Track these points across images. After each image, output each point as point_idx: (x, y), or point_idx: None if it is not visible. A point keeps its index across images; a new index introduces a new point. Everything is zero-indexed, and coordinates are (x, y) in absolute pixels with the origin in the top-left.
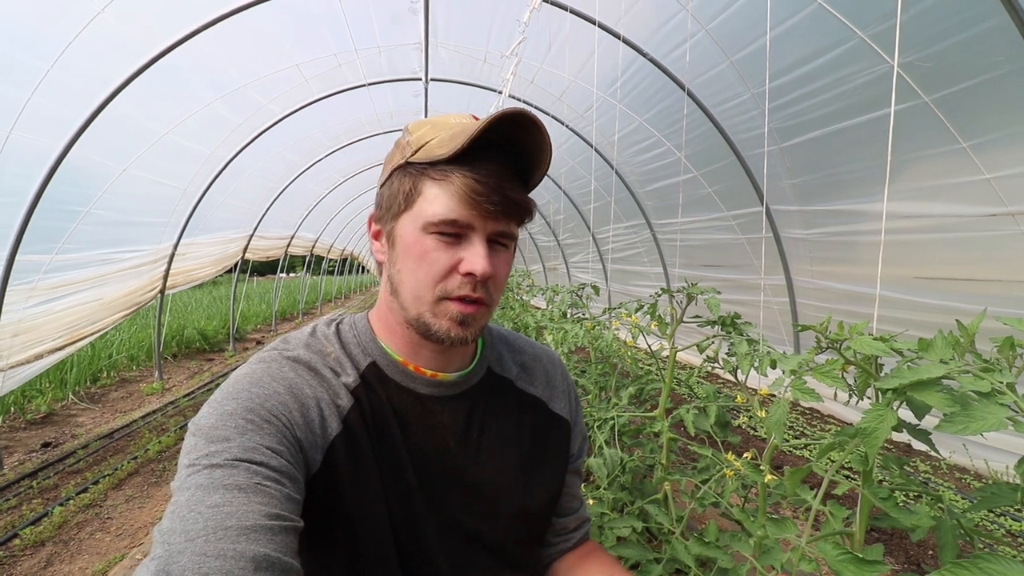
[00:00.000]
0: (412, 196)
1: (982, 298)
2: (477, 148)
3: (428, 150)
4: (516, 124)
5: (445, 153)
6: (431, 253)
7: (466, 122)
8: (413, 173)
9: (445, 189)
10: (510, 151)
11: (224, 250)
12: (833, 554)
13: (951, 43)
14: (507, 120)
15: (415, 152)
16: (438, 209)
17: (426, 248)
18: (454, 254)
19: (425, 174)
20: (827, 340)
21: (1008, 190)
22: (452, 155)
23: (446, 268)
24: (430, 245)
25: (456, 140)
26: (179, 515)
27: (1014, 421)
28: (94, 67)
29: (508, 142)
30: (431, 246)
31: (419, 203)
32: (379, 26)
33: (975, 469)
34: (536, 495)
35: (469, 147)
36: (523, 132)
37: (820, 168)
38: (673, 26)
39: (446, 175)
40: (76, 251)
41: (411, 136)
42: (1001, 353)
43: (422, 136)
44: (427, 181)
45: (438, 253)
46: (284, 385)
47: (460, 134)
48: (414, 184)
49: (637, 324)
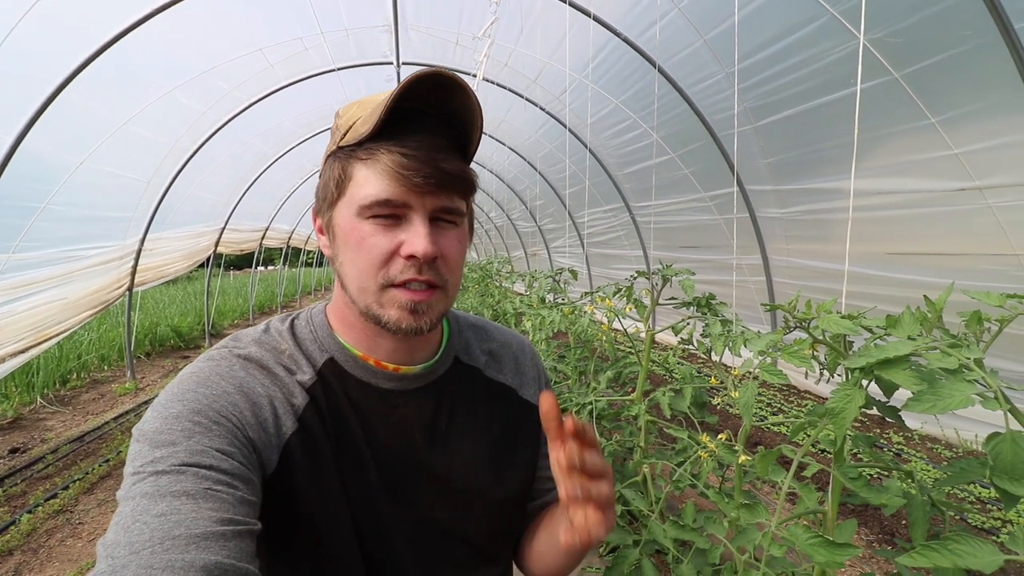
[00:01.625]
0: (343, 182)
1: (951, 272)
2: (403, 120)
3: (355, 130)
4: (437, 86)
5: (368, 129)
6: (368, 239)
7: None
8: (342, 157)
9: (373, 168)
10: (440, 118)
11: (195, 244)
12: (804, 538)
13: (920, 18)
14: (426, 82)
15: (344, 135)
16: (369, 191)
17: (363, 234)
18: (393, 237)
19: (353, 155)
20: (795, 319)
21: (976, 165)
22: (374, 130)
23: (386, 253)
24: (367, 231)
25: (376, 114)
26: (123, 526)
27: (982, 397)
28: (42, 54)
29: (437, 110)
30: (368, 231)
31: (350, 188)
32: (345, 7)
33: (946, 439)
34: (509, 485)
35: (389, 119)
36: (447, 95)
37: (794, 147)
38: (645, 5)
39: (372, 153)
40: (35, 249)
41: (340, 120)
42: (969, 328)
43: (350, 117)
44: (356, 163)
45: (376, 238)
46: (234, 384)
47: (380, 106)
48: (343, 169)
49: (612, 308)
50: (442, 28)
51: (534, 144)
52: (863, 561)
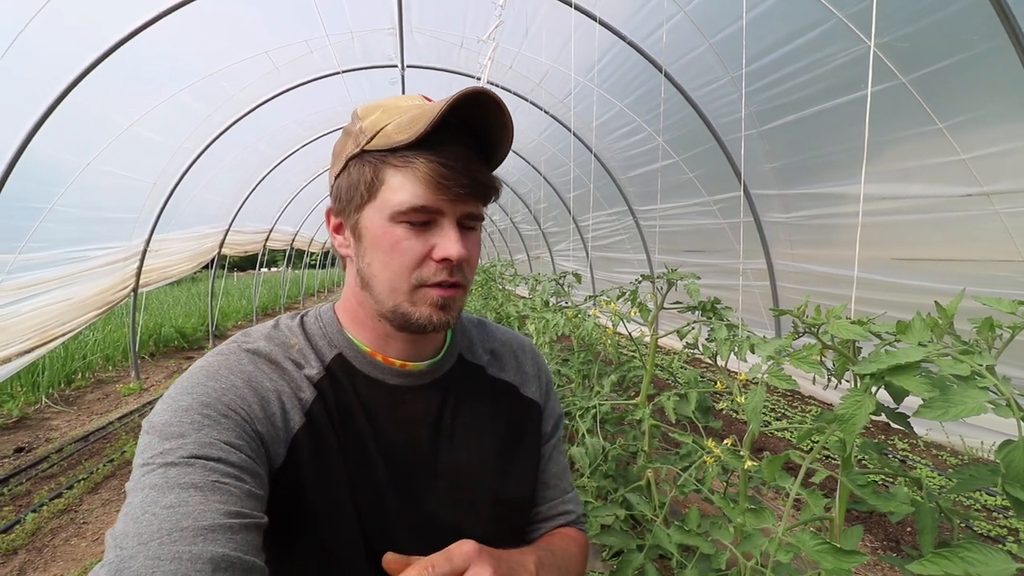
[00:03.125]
0: (374, 185)
1: (959, 278)
2: (437, 130)
3: (386, 136)
4: (477, 104)
5: (406, 138)
6: (402, 243)
7: (419, 103)
8: (372, 161)
9: (409, 176)
10: (471, 131)
11: (199, 245)
12: (811, 544)
13: (928, 22)
14: (469, 101)
15: (371, 139)
16: (404, 197)
17: (396, 238)
18: (426, 241)
19: (386, 162)
20: (804, 325)
21: (983, 170)
22: (414, 140)
23: (420, 256)
24: (400, 235)
25: (416, 124)
26: (132, 517)
27: (994, 405)
28: (51, 57)
29: (468, 123)
30: (401, 235)
31: (383, 192)
32: (350, 10)
33: (951, 445)
34: (514, 482)
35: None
36: (484, 112)
37: (799, 151)
38: (651, 8)
39: (409, 161)
40: (42, 250)
41: (363, 122)
42: (980, 334)
43: (376, 122)
44: (389, 169)
45: (410, 242)
46: (242, 378)
47: (419, 118)
48: (375, 173)
49: (617, 312)
50: (446, 31)
51: (538, 147)
52: (868, 568)
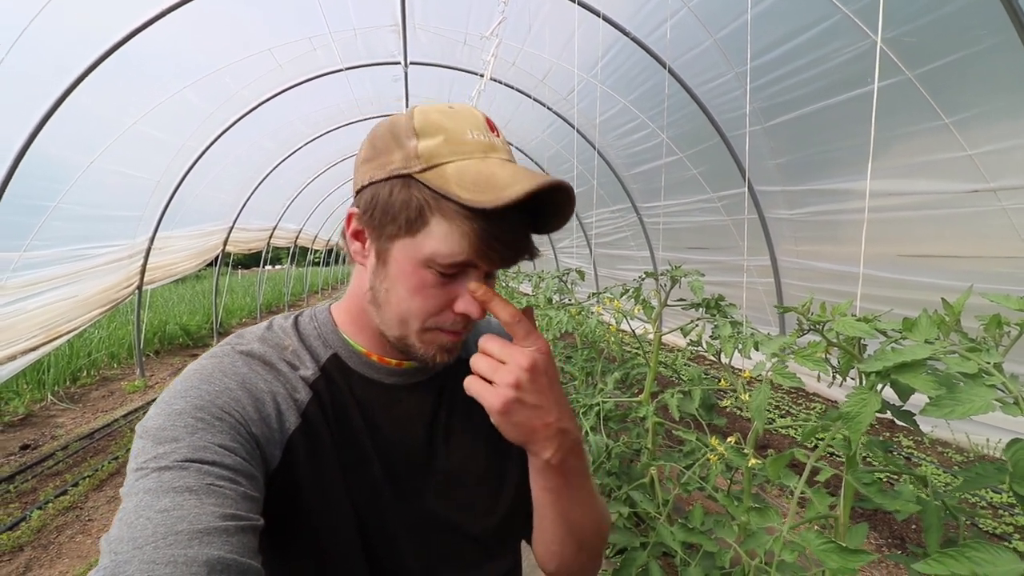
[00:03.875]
0: (416, 224)
1: (965, 274)
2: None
3: (443, 179)
4: (548, 194)
5: (466, 200)
6: (429, 289)
7: (484, 141)
8: (419, 198)
9: (456, 230)
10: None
11: (203, 243)
12: (816, 543)
13: (935, 17)
14: (544, 198)
15: (424, 170)
16: (445, 251)
17: (424, 282)
18: (450, 291)
19: (437, 206)
20: (809, 322)
21: (990, 166)
22: (478, 207)
23: (441, 305)
24: (429, 280)
25: (483, 193)
26: (127, 522)
27: (1002, 403)
28: (54, 54)
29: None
30: (430, 281)
31: (423, 235)
32: (354, 7)
33: (956, 443)
34: (512, 477)
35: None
36: (551, 193)
37: (804, 147)
38: (655, 3)
39: (463, 218)
40: (46, 247)
41: (419, 143)
42: (987, 331)
43: (435, 152)
44: (437, 216)
45: (436, 290)
46: (236, 380)
47: (486, 186)
48: (420, 212)
49: (620, 309)
50: (450, 28)
51: (541, 144)
52: (873, 566)
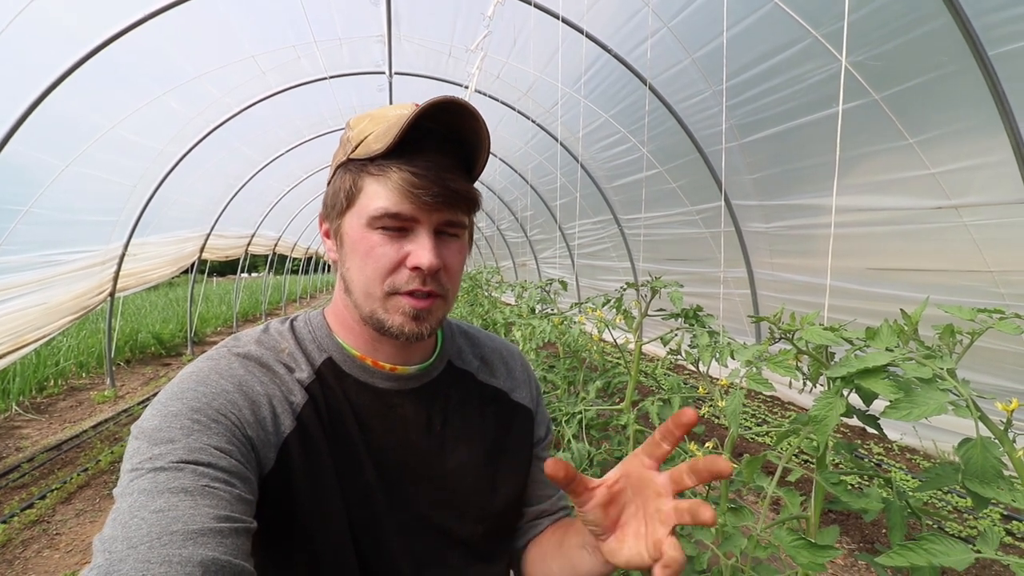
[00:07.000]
0: (353, 193)
1: (929, 288)
2: (414, 140)
3: (366, 145)
4: (448, 111)
5: (380, 148)
6: (377, 248)
7: (405, 113)
8: (353, 170)
9: (384, 184)
10: (449, 140)
11: (179, 250)
12: (788, 540)
13: (899, 43)
14: (438, 108)
15: (355, 148)
16: (379, 204)
17: (372, 244)
18: (400, 248)
19: (365, 170)
20: (780, 331)
21: (951, 184)
22: (387, 149)
23: (393, 262)
24: (375, 240)
25: (390, 133)
26: (121, 522)
27: (954, 405)
28: (31, 57)
29: (448, 132)
30: (376, 241)
31: (360, 199)
32: (339, 17)
33: (924, 450)
34: (504, 486)
35: (403, 139)
36: (458, 119)
37: (778, 163)
38: (636, 23)
39: (384, 170)
40: (16, 253)
41: (352, 132)
42: (942, 340)
43: (362, 131)
44: (367, 177)
45: (384, 248)
46: (233, 382)
47: (394, 127)
48: (355, 181)
49: (602, 319)
50: (435, 40)
51: (524, 156)
52: (844, 569)
